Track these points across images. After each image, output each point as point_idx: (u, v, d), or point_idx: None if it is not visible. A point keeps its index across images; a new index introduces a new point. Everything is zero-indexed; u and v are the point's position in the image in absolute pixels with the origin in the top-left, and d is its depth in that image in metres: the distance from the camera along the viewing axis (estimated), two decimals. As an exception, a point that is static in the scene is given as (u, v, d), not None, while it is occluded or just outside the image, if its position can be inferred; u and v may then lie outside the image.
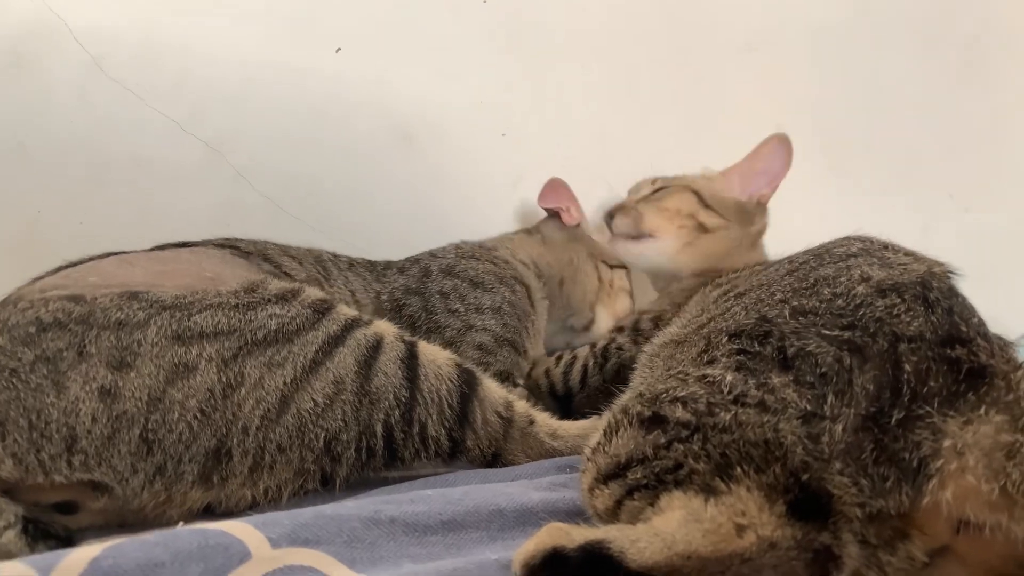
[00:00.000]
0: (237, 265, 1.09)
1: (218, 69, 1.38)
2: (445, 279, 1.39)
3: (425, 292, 1.36)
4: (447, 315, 1.34)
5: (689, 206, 1.43)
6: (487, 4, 1.58)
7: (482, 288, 1.39)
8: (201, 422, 0.85)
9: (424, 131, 1.57)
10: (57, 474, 0.81)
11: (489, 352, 1.32)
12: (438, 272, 1.40)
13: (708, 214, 1.42)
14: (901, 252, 0.91)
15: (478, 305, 1.37)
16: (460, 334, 1.32)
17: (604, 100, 1.76)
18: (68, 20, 1.26)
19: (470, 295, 1.37)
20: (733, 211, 1.44)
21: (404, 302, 1.35)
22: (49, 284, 0.94)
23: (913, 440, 0.65)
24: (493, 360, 1.32)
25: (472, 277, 1.41)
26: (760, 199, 1.46)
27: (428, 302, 1.35)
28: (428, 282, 1.38)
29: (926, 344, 0.71)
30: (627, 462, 0.72)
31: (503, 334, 1.36)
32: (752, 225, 1.45)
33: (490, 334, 1.34)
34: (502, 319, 1.37)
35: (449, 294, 1.37)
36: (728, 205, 1.44)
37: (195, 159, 1.39)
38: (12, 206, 1.28)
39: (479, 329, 1.34)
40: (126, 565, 0.59)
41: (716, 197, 1.45)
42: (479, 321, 1.35)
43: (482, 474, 0.98)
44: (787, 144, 1.45)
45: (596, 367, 1.35)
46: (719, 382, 0.75)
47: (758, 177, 1.46)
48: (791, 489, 0.64)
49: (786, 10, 1.94)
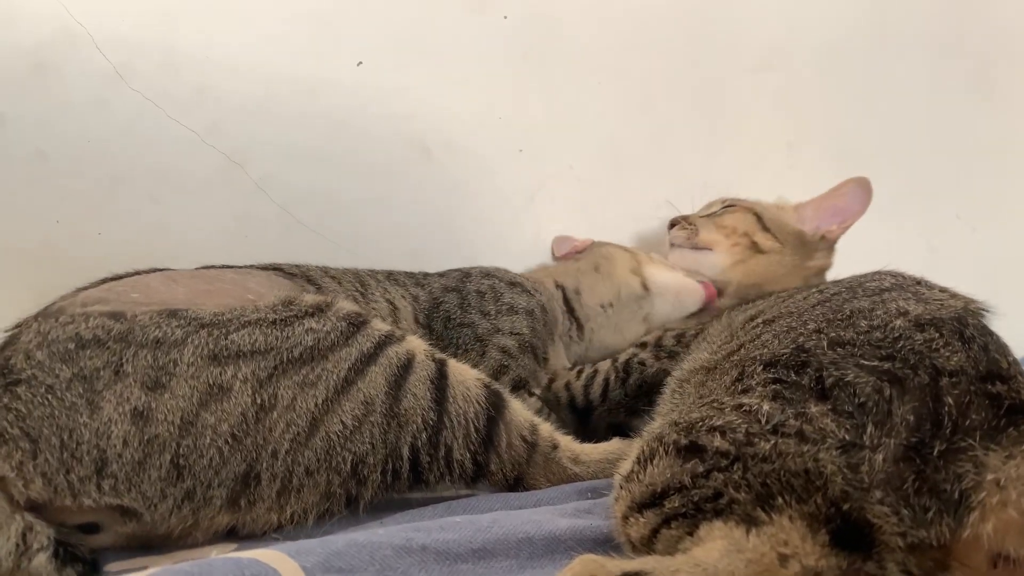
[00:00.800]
0: (281, 286, 1.08)
1: (238, 81, 1.38)
2: (483, 279, 1.43)
3: (463, 290, 1.40)
4: (479, 315, 1.36)
5: (747, 225, 1.49)
6: (507, 20, 1.59)
7: (519, 289, 1.43)
8: (232, 447, 0.84)
9: (442, 145, 1.57)
10: (86, 497, 0.80)
11: (511, 356, 1.34)
12: (478, 274, 1.44)
13: (764, 236, 1.48)
14: (936, 288, 0.92)
15: (512, 305, 1.39)
16: (488, 333, 1.35)
17: (619, 117, 1.77)
18: (91, 29, 1.26)
19: (506, 294, 1.40)
20: (791, 238, 1.49)
21: (442, 299, 1.38)
22: (92, 298, 0.93)
23: (955, 472, 0.65)
24: (514, 365, 1.33)
25: (510, 279, 1.45)
26: (826, 234, 1.49)
27: (464, 299, 1.38)
28: (467, 282, 1.42)
29: (967, 378, 0.71)
30: (664, 491, 0.72)
31: (529, 338, 1.38)
32: (811, 259, 1.49)
33: (516, 338, 1.36)
34: (531, 322, 1.39)
35: (485, 293, 1.40)
36: (787, 231, 1.49)
37: (214, 170, 1.38)
38: (31, 214, 1.27)
39: (506, 332, 1.36)
40: (163, 595, 0.58)
41: (776, 221, 1.50)
42: (508, 324, 1.37)
43: (504, 499, 0.97)
44: (866, 188, 1.48)
45: (618, 381, 1.36)
46: (755, 411, 0.75)
47: (828, 213, 1.50)
48: (833, 519, 0.64)
49: (800, 30, 1.96)
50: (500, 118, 1.63)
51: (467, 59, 1.58)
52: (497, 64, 1.61)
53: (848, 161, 2.04)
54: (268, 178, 1.42)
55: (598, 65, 1.72)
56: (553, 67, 1.68)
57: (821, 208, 1.51)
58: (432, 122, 1.55)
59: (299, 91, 1.43)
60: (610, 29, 1.72)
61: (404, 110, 1.52)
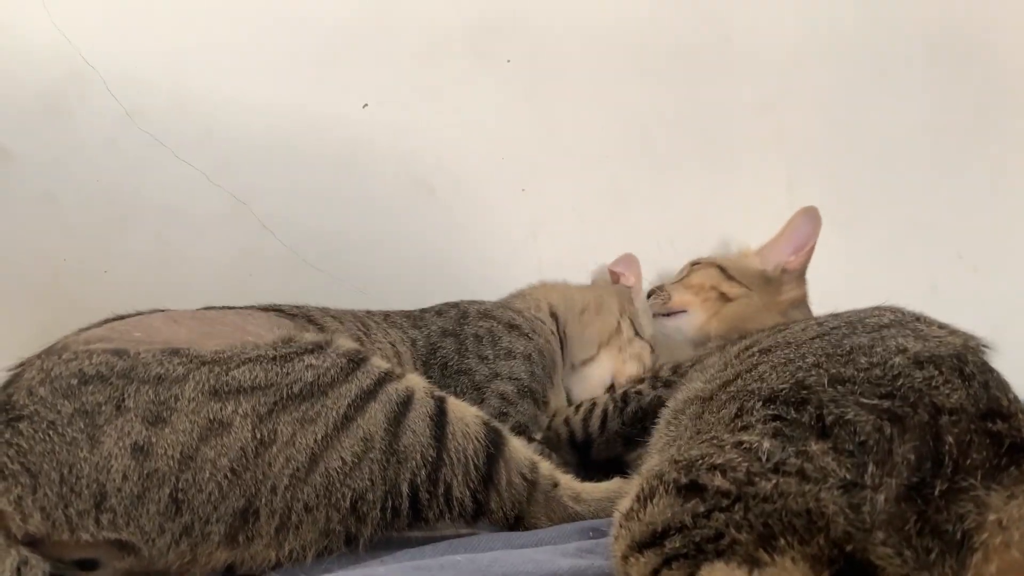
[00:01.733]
0: (282, 326, 1.09)
1: (245, 121, 1.39)
2: (481, 321, 1.41)
3: (460, 334, 1.38)
4: (477, 360, 1.35)
5: (712, 279, 1.57)
6: (510, 63, 1.61)
7: (518, 332, 1.41)
8: (231, 482, 0.84)
9: (446, 184, 1.59)
10: (84, 531, 0.80)
11: (510, 403, 1.33)
12: (476, 314, 1.42)
13: (730, 284, 1.55)
14: (935, 325, 0.92)
15: (510, 350, 1.38)
16: (487, 380, 1.33)
17: (621, 156, 1.79)
18: (102, 71, 1.28)
19: (504, 339, 1.39)
20: (756, 280, 1.56)
21: (439, 344, 1.36)
22: (95, 336, 0.94)
23: (957, 512, 0.65)
24: (513, 412, 1.32)
25: (509, 320, 1.43)
26: (786, 267, 1.57)
27: (462, 344, 1.36)
28: (465, 324, 1.40)
29: (967, 417, 0.71)
30: (664, 530, 0.72)
31: (528, 383, 1.36)
32: (781, 294, 1.56)
33: (514, 383, 1.35)
34: (530, 367, 1.38)
35: (483, 337, 1.38)
36: (750, 275, 1.57)
37: (220, 210, 1.39)
38: (38, 253, 1.28)
39: (505, 378, 1.35)
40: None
41: (739, 268, 1.58)
42: (506, 369, 1.35)
43: (505, 537, 0.96)
44: (812, 216, 1.57)
45: (616, 412, 1.36)
46: (756, 449, 0.74)
47: (783, 247, 1.59)
48: (836, 560, 0.63)
49: (799, 71, 1.98)
50: (503, 158, 1.65)
51: (471, 99, 1.61)
52: (500, 104, 1.64)
53: (848, 200, 2.06)
54: (273, 216, 1.43)
55: (599, 105, 1.75)
56: (554, 107, 1.70)
57: (777, 245, 1.61)
58: (436, 161, 1.57)
59: (305, 131, 1.44)
60: (611, 70, 1.75)
61: (408, 149, 1.54)
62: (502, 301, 1.54)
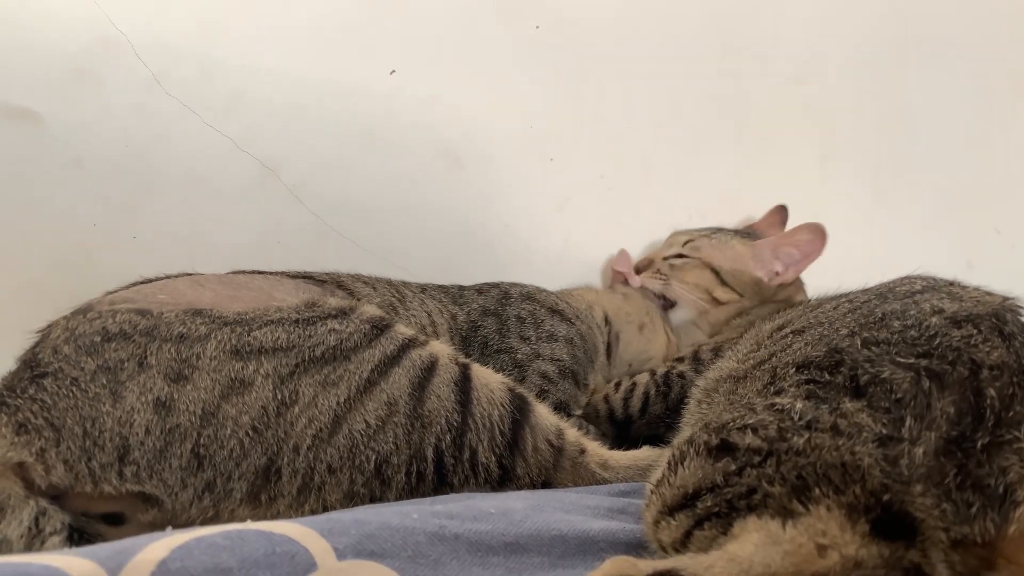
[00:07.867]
0: (310, 292, 1.08)
1: (273, 88, 1.39)
2: (524, 303, 1.42)
3: (502, 314, 1.39)
4: (519, 340, 1.36)
5: (706, 282, 1.59)
6: (539, 29, 1.59)
7: (560, 317, 1.43)
8: (252, 439, 0.84)
9: (473, 154, 1.57)
10: (107, 484, 0.80)
11: (552, 382, 1.34)
12: (519, 296, 1.43)
13: (723, 290, 1.58)
14: (970, 287, 0.91)
15: (552, 333, 1.39)
16: (528, 359, 1.34)
17: (650, 127, 1.76)
18: (130, 36, 1.28)
19: (547, 322, 1.40)
20: (749, 287, 1.58)
21: (480, 323, 1.37)
22: (120, 297, 0.95)
23: (1000, 465, 0.63)
24: (554, 390, 1.33)
25: (552, 305, 1.45)
26: (782, 281, 1.57)
27: (504, 324, 1.37)
28: (507, 305, 1.41)
29: (1009, 371, 0.69)
30: (695, 492, 0.71)
31: (570, 365, 1.37)
32: (776, 296, 1.57)
33: (556, 364, 1.36)
34: (572, 350, 1.39)
35: (525, 319, 1.39)
36: (745, 281, 1.58)
37: (248, 177, 1.39)
38: (68, 219, 1.28)
39: (546, 359, 1.36)
40: (194, 569, 0.58)
41: (733, 274, 1.58)
42: (548, 350, 1.37)
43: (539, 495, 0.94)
44: (820, 234, 1.54)
45: (659, 395, 1.37)
46: (788, 409, 0.73)
47: (783, 257, 1.58)
48: (872, 508, 0.62)
49: (832, 43, 1.94)
50: (531, 127, 1.63)
51: (499, 68, 1.58)
52: (529, 73, 1.61)
53: (883, 175, 2.02)
54: (301, 185, 1.43)
55: (629, 75, 1.72)
56: (584, 77, 1.68)
57: (777, 250, 1.58)
58: (463, 131, 1.56)
59: (332, 99, 1.43)
60: (641, 40, 1.72)
61: (436, 119, 1.53)
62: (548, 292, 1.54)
